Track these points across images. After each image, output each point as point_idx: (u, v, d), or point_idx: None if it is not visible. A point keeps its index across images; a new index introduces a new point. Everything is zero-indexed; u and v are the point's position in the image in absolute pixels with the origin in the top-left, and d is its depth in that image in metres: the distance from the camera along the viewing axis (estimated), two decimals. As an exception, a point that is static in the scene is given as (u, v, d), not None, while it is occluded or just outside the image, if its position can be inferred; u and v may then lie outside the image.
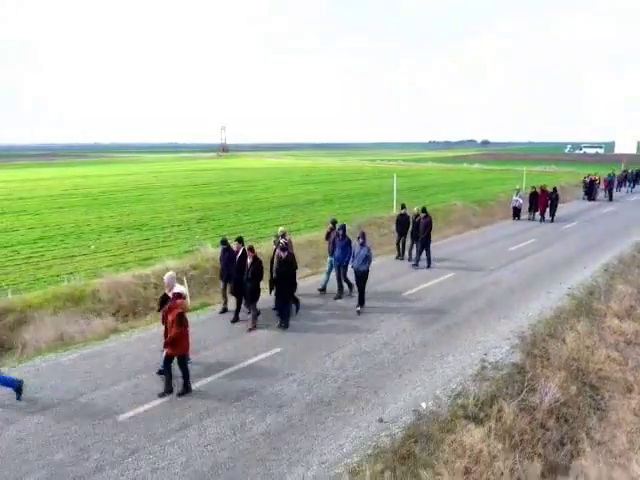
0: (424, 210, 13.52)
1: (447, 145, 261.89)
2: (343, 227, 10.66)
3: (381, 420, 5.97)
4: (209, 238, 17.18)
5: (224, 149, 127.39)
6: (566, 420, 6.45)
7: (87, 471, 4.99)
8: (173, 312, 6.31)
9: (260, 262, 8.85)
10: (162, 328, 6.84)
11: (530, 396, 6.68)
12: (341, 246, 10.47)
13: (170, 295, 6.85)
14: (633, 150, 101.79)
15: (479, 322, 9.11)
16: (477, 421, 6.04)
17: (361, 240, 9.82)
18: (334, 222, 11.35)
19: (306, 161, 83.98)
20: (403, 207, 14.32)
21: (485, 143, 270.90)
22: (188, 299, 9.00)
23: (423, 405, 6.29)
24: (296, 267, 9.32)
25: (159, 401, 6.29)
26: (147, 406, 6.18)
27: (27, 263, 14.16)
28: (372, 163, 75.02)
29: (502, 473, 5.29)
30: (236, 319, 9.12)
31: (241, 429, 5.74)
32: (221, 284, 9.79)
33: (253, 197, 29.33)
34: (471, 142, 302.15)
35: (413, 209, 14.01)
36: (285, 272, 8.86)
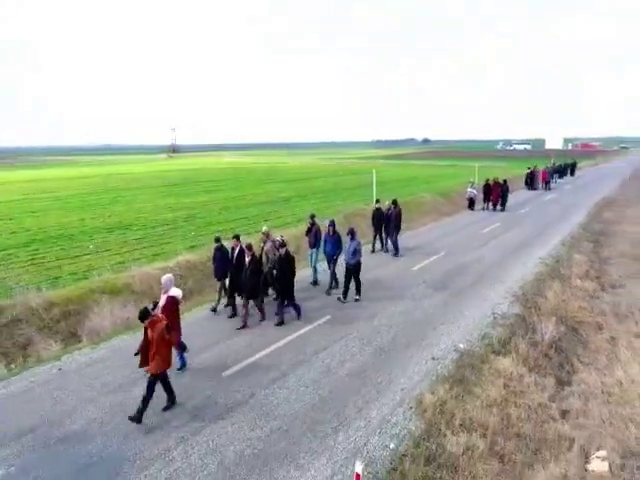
0: (394, 202, 14.58)
1: (391, 143, 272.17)
2: (332, 223, 10.90)
3: (433, 358, 7.56)
4: (203, 235, 17.92)
5: (174, 150, 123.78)
6: (562, 350, 8.44)
7: (222, 411, 6.07)
8: (156, 327, 5.69)
9: (259, 260, 8.98)
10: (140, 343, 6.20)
11: (534, 335, 8.62)
12: (332, 242, 10.76)
13: (164, 298, 6.76)
14: (560, 146, 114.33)
15: (480, 286, 11.06)
16: (502, 354, 7.83)
17: (350, 235, 10.23)
18: (313, 217, 11.67)
19: (260, 160, 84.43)
20: (377, 202, 15.24)
21: (426, 141, 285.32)
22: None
23: (461, 346, 7.97)
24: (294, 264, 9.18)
25: (253, 359, 7.45)
26: (242, 365, 7.29)
27: (33, 264, 14.09)
28: (328, 162, 77.14)
29: (529, 385, 7.09)
30: (234, 314, 9.21)
31: (328, 373, 7.05)
32: (217, 283, 9.71)
33: (228, 196, 29.88)
34: (412, 140, 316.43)
35: (385, 203, 15.06)
36: (287, 269, 8.86)
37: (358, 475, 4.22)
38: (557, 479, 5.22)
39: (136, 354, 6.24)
